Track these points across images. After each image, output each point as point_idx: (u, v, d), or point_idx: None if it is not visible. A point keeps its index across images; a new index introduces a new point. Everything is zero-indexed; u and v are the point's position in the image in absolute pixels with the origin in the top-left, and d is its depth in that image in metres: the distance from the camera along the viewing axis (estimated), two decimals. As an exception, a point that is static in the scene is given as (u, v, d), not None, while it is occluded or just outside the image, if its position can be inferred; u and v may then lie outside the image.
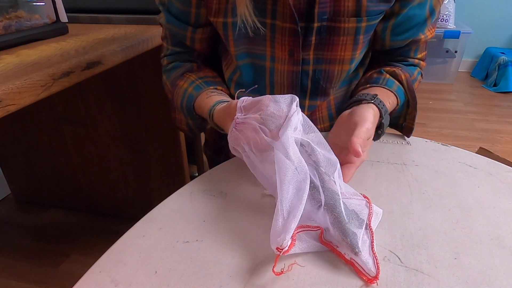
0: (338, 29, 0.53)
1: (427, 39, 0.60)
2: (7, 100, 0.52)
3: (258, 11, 0.53)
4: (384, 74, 0.60)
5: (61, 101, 1.25)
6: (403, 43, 0.59)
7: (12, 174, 1.53)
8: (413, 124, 0.59)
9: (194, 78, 0.60)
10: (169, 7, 0.60)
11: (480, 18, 3.01)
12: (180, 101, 0.61)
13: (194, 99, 0.58)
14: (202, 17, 0.59)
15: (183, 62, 0.65)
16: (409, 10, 0.54)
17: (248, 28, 0.54)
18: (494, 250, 0.38)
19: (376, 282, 0.33)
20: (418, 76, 0.64)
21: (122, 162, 1.32)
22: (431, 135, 2.11)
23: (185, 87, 0.60)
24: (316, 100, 0.62)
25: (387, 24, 0.57)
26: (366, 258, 0.35)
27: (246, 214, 0.44)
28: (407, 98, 0.59)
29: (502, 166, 0.53)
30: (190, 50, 0.65)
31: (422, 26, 0.57)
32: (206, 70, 0.64)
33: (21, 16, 0.80)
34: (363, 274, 0.34)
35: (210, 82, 0.60)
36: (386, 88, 0.57)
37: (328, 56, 0.57)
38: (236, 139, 0.44)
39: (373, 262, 0.35)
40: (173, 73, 0.64)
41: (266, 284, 0.34)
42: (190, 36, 0.61)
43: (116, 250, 0.39)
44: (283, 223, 0.35)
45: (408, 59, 0.62)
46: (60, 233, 1.40)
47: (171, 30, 0.62)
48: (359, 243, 0.35)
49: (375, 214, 0.41)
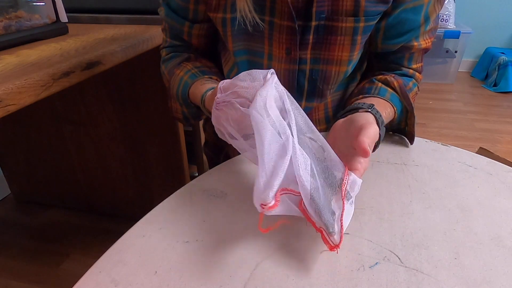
0: (335, 28, 0.53)
1: (421, 48, 0.58)
2: (7, 100, 0.52)
3: (257, 7, 0.53)
4: (375, 83, 0.59)
5: (61, 101, 1.24)
6: (395, 47, 0.58)
7: (12, 174, 1.53)
8: (413, 130, 0.58)
9: (190, 67, 0.61)
10: (169, 1, 0.61)
11: (480, 18, 3.01)
12: (176, 89, 0.61)
13: (189, 87, 0.59)
14: (200, 13, 0.60)
15: (181, 53, 0.66)
16: (401, 13, 0.54)
17: (247, 24, 0.54)
18: (494, 250, 0.38)
19: (337, 250, 0.35)
20: (414, 87, 0.62)
21: (122, 162, 1.32)
22: (431, 135, 2.11)
23: (181, 75, 0.60)
24: (313, 101, 0.62)
25: (379, 26, 0.56)
26: (331, 226, 0.35)
27: (246, 214, 0.44)
28: (404, 105, 0.58)
29: (502, 166, 0.53)
30: (187, 44, 0.65)
31: (415, 32, 0.56)
32: (203, 60, 0.65)
33: (21, 16, 0.80)
34: (328, 242, 0.35)
35: (206, 71, 0.61)
36: (379, 97, 0.56)
37: (326, 56, 0.57)
38: (217, 118, 0.43)
39: (339, 231, 0.35)
40: (171, 62, 0.65)
41: (266, 284, 0.34)
42: (187, 31, 0.62)
43: (116, 250, 0.39)
44: (265, 182, 0.34)
45: (402, 68, 0.61)
46: (60, 233, 1.40)
47: (170, 23, 0.63)
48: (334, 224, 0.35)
49: (352, 184, 0.39)
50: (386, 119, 0.54)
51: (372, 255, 0.37)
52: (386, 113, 0.53)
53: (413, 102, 0.61)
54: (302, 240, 0.39)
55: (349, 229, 0.41)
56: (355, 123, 0.44)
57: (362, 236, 0.40)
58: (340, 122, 0.47)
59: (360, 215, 0.43)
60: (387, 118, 0.54)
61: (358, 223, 0.42)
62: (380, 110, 0.50)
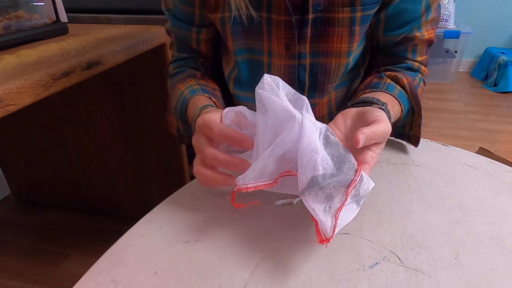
0: (332, 19, 0.53)
1: (424, 39, 0.58)
2: (7, 100, 0.53)
3: (254, 3, 0.53)
4: (384, 78, 0.58)
5: (61, 101, 1.25)
6: (397, 38, 0.58)
7: (12, 174, 1.53)
8: (419, 132, 0.57)
9: (193, 83, 0.60)
10: (174, 12, 0.61)
11: (480, 18, 3.01)
12: (175, 102, 0.60)
13: (187, 102, 0.58)
14: (206, 17, 0.60)
15: (187, 68, 0.65)
16: (401, 3, 0.54)
17: (244, 19, 0.54)
18: (494, 250, 0.38)
19: (326, 245, 0.34)
20: (420, 82, 0.61)
21: (122, 162, 1.32)
22: (431, 135, 2.11)
23: (182, 90, 0.60)
24: (315, 97, 0.62)
25: (379, 17, 0.56)
26: (326, 219, 0.34)
27: (246, 214, 0.44)
28: (411, 104, 0.57)
29: (502, 166, 0.53)
30: (195, 55, 0.65)
31: (416, 22, 0.56)
32: (209, 80, 0.64)
33: (21, 16, 0.80)
34: (320, 233, 0.34)
35: (207, 91, 0.60)
36: (387, 93, 0.54)
37: (325, 48, 0.57)
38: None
39: (332, 224, 0.34)
40: (176, 77, 0.65)
41: (266, 284, 0.34)
42: (195, 37, 0.62)
43: (116, 250, 0.39)
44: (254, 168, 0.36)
45: (406, 61, 0.60)
46: (60, 233, 1.40)
47: (177, 33, 0.63)
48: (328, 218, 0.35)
49: (363, 186, 0.38)
50: (394, 119, 0.53)
51: (372, 255, 0.37)
52: (394, 112, 0.52)
53: (420, 99, 0.60)
54: (302, 241, 0.39)
55: (349, 229, 0.41)
56: (366, 116, 0.43)
57: (362, 236, 0.40)
58: (351, 111, 0.45)
59: (360, 215, 0.43)
60: (394, 117, 0.53)
61: (358, 223, 0.42)
62: (390, 109, 0.49)
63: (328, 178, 0.35)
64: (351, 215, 0.37)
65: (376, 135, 0.40)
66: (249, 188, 0.36)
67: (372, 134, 0.39)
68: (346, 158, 0.39)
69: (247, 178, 0.36)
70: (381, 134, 0.40)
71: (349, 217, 0.36)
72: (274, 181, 0.37)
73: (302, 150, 0.35)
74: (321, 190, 0.35)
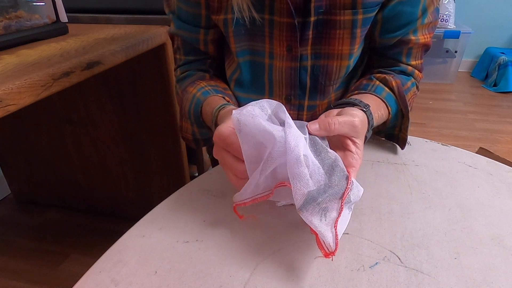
0: (334, 22, 0.53)
1: (419, 43, 0.57)
2: (7, 100, 0.53)
3: (257, 5, 0.53)
4: (374, 80, 0.58)
5: (61, 101, 1.25)
6: (392, 41, 0.58)
7: (12, 174, 1.53)
8: (406, 134, 0.57)
9: (204, 85, 0.60)
10: (179, 14, 0.60)
11: (480, 18, 3.01)
12: (188, 106, 0.60)
13: (201, 104, 0.57)
14: (212, 17, 0.59)
15: (196, 71, 0.65)
16: (398, 5, 0.54)
17: (246, 21, 0.54)
18: (494, 250, 0.38)
19: (332, 258, 0.33)
20: (412, 87, 0.60)
21: (122, 162, 1.32)
22: (431, 135, 2.11)
23: (194, 93, 0.59)
24: (316, 99, 0.62)
25: (376, 19, 0.56)
26: (326, 232, 0.34)
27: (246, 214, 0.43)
28: (400, 107, 0.57)
29: (502, 166, 0.53)
30: (203, 57, 0.65)
31: (412, 25, 0.56)
32: (218, 81, 0.64)
33: (21, 16, 0.80)
34: (323, 247, 0.34)
35: (220, 91, 0.60)
36: (375, 95, 0.55)
37: (326, 50, 0.57)
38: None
39: (333, 237, 0.34)
40: (185, 81, 0.64)
41: (266, 284, 0.34)
42: (203, 38, 0.61)
43: (116, 250, 0.39)
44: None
45: (400, 64, 0.60)
46: (60, 233, 1.40)
47: (183, 36, 0.62)
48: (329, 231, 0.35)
49: (355, 192, 0.39)
50: (378, 121, 0.53)
51: (372, 255, 0.37)
52: (379, 114, 0.52)
53: (411, 103, 0.60)
54: (302, 241, 0.39)
55: (349, 229, 0.41)
56: (343, 111, 0.44)
57: (362, 236, 0.40)
58: (333, 112, 0.46)
59: (360, 215, 0.43)
60: (379, 119, 0.53)
61: (358, 223, 0.42)
62: (374, 111, 0.49)
63: (323, 192, 0.35)
64: (346, 222, 0.37)
65: (340, 124, 0.41)
66: (246, 203, 0.38)
67: (334, 120, 0.40)
68: (336, 163, 0.39)
69: (243, 195, 0.38)
70: (344, 124, 0.41)
71: (345, 224, 0.37)
72: (270, 192, 0.38)
73: (289, 166, 0.35)
74: (318, 206, 0.35)
